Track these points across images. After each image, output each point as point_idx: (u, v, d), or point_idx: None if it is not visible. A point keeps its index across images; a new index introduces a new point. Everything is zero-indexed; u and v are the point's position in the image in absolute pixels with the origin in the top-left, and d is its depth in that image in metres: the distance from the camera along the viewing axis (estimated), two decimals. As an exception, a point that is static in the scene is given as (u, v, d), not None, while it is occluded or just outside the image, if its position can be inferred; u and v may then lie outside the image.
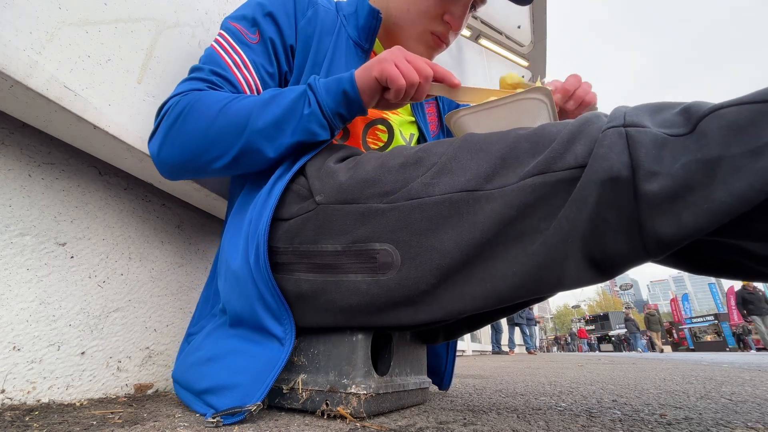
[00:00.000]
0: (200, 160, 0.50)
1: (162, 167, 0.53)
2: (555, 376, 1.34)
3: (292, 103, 0.49)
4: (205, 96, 0.50)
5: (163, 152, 0.51)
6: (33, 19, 0.45)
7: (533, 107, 0.52)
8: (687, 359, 3.21)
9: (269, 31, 0.58)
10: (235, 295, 0.48)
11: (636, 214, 0.33)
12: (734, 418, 0.50)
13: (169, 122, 0.50)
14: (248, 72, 0.55)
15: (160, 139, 0.51)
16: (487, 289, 0.39)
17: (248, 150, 0.49)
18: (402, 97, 0.51)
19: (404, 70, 0.50)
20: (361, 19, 0.66)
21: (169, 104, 0.51)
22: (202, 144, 0.49)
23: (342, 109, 0.51)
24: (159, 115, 0.52)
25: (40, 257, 0.52)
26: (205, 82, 0.53)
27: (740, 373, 1.41)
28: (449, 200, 0.40)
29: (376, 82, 0.50)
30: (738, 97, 0.32)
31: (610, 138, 0.35)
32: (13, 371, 0.48)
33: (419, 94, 0.52)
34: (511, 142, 0.41)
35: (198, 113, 0.49)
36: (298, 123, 0.49)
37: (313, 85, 0.50)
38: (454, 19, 0.65)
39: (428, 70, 0.51)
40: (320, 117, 0.50)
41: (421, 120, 0.74)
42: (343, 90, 0.50)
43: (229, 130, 0.48)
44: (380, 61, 0.50)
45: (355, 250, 0.44)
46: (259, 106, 0.49)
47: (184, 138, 0.49)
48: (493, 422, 0.45)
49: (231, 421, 0.41)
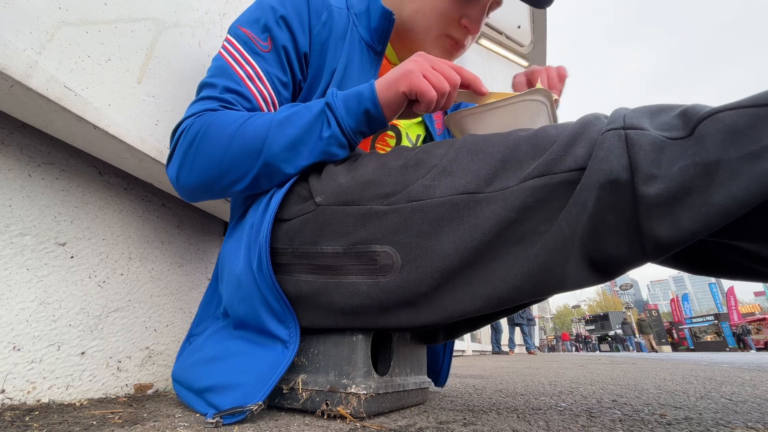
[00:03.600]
0: (219, 184, 0.49)
1: (182, 192, 0.52)
2: (555, 376, 1.34)
3: (309, 125, 0.47)
4: (219, 117, 0.48)
5: (181, 178, 0.50)
6: (33, 19, 0.45)
7: (533, 109, 0.52)
8: (687, 359, 3.21)
9: (282, 38, 0.55)
10: (238, 299, 0.48)
11: (635, 217, 0.33)
12: (734, 418, 0.50)
13: (184, 147, 0.49)
14: (262, 84, 0.53)
15: (177, 164, 0.50)
16: (488, 291, 0.39)
17: (266, 172, 0.48)
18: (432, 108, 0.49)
19: (434, 81, 0.47)
20: (374, 20, 0.63)
21: (183, 126, 0.50)
22: (220, 169, 0.48)
23: (363, 127, 0.49)
24: (174, 138, 0.51)
25: (40, 257, 0.52)
26: (218, 101, 0.51)
27: (740, 373, 1.41)
28: (450, 202, 0.40)
29: (403, 97, 0.48)
30: (736, 101, 0.32)
31: (610, 140, 0.35)
32: (13, 371, 0.48)
33: (448, 103, 0.50)
34: (511, 144, 0.41)
35: (213, 137, 0.47)
36: (316, 145, 0.47)
37: (332, 104, 0.48)
38: (471, 22, 0.62)
39: (456, 77, 0.49)
40: (341, 138, 0.48)
41: (428, 119, 0.73)
42: (365, 110, 0.48)
43: (246, 153, 0.47)
44: (407, 73, 0.47)
45: (355, 251, 0.44)
46: (275, 126, 0.47)
47: (200, 163, 0.48)
48: (493, 422, 0.45)
49: (231, 421, 0.41)
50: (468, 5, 0.62)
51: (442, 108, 0.51)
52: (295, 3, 0.57)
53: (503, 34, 3.98)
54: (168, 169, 0.52)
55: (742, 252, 0.38)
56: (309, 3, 0.59)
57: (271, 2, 0.56)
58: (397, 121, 0.68)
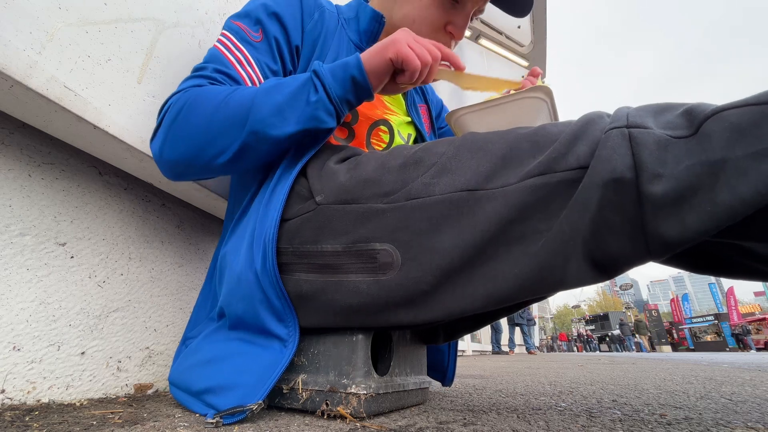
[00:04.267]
0: (203, 156, 0.48)
1: (165, 167, 0.51)
2: (555, 376, 1.34)
3: (296, 90, 0.48)
4: (205, 90, 0.49)
5: (165, 151, 0.49)
6: (33, 19, 0.45)
7: (534, 106, 0.52)
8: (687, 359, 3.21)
9: (273, 30, 0.57)
10: (236, 298, 0.48)
11: (639, 216, 0.33)
12: (734, 418, 0.50)
13: (169, 120, 0.48)
14: (252, 69, 0.54)
15: (162, 138, 0.49)
16: (488, 289, 0.39)
17: (252, 142, 0.47)
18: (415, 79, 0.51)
19: (418, 51, 0.49)
20: (364, 22, 0.66)
21: (170, 102, 0.50)
22: (204, 139, 0.47)
23: (350, 95, 0.50)
24: (160, 113, 0.51)
25: (40, 257, 0.52)
26: (207, 79, 0.51)
27: (740, 373, 1.41)
28: (449, 200, 0.40)
29: (389, 64, 0.49)
30: (741, 99, 0.32)
31: (614, 139, 0.35)
32: (13, 371, 0.48)
33: (429, 76, 0.52)
34: (511, 142, 0.41)
35: (198, 108, 0.47)
36: (304, 110, 0.48)
37: (319, 71, 0.49)
38: (456, 29, 0.66)
39: (437, 52, 0.51)
40: (328, 104, 0.48)
41: (417, 120, 0.75)
42: (351, 76, 0.49)
43: (231, 121, 0.46)
44: (394, 42, 0.49)
45: (355, 250, 0.44)
46: (261, 94, 0.47)
47: (185, 134, 0.48)
48: (493, 422, 0.45)
49: (231, 421, 0.41)
50: (453, 13, 0.65)
51: (423, 81, 0.53)
52: (289, 1, 0.60)
53: (503, 34, 3.98)
54: (152, 144, 0.51)
55: (743, 251, 0.38)
56: (302, 2, 0.62)
57: (264, 0, 0.59)
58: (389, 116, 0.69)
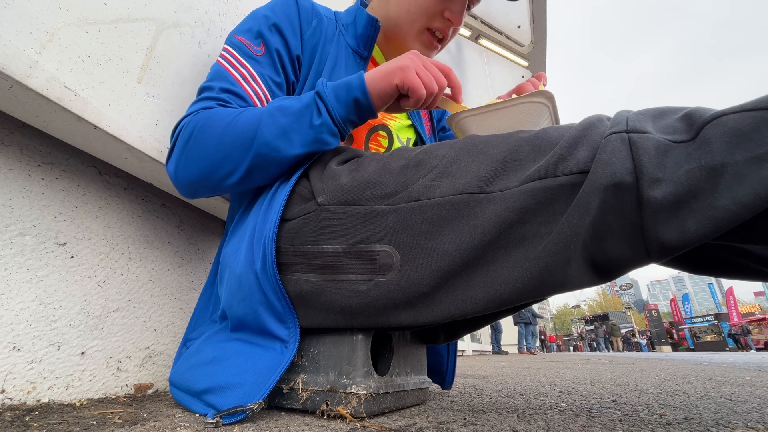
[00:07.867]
0: (214, 177, 0.50)
1: (180, 187, 0.53)
2: (555, 376, 1.34)
3: (300, 112, 0.49)
4: (214, 113, 0.50)
5: (179, 173, 0.51)
6: (33, 19, 0.45)
7: (535, 110, 0.52)
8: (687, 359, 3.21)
9: (274, 42, 0.59)
10: (238, 299, 0.48)
11: (639, 220, 0.33)
12: (734, 418, 0.50)
13: (182, 143, 0.50)
14: (257, 84, 0.56)
15: (176, 160, 0.51)
16: (489, 292, 0.39)
17: (259, 162, 0.49)
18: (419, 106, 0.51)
19: (426, 80, 0.50)
20: (360, 27, 0.67)
21: (182, 125, 0.52)
22: (214, 161, 0.49)
23: (353, 116, 0.51)
24: (173, 136, 0.53)
25: (40, 257, 0.52)
26: (215, 101, 0.53)
27: (740, 373, 1.42)
28: (449, 202, 0.40)
29: (395, 90, 0.50)
30: (740, 104, 0.32)
31: (613, 143, 0.35)
32: (13, 371, 0.48)
33: (433, 103, 0.53)
34: (512, 146, 0.41)
35: (208, 131, 0.49)
36: (308, 133, 0.49)
37: (322, 92, 0.50)
38: (453, 15, 0.66)
39: (443, 81, 0.52)
40: (332, 126, 0.49)
41: (418, 123, 0.75)
42: (354, 98, 0.50)
43: (239, 144, 0.48)
44: (403, 68, 0.50)
45: (355, 251, 0.44)
46: (266, 116, 0.49)
47: (196, 157, 0.50)
48: (493, 422, 0.45)
49: (232, 421, 0.41)
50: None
51: (427, 108, 0.53)
52: (287, 11, 0.61)
53: (503, 34, 3.98)
54: (167, 166, 0.54)
55: (742, 252, 0.38)
56: (300, 11, 0.63)
57: (264, 12, 0.61)
58: (388, 121, 0.70)
